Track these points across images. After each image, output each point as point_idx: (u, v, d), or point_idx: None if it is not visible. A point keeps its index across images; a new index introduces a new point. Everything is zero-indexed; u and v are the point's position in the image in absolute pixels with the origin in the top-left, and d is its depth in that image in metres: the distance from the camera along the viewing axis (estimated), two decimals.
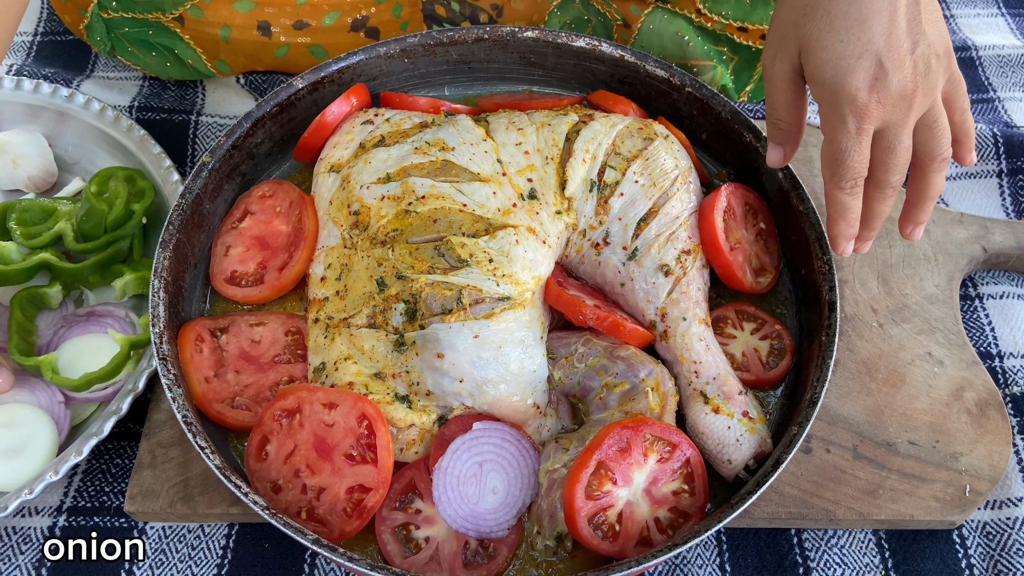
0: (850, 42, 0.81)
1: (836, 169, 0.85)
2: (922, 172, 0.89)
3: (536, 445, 0.92)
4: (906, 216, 0.94)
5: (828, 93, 0.83)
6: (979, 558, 0.97)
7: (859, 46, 0.81)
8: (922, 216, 0.93)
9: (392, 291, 0.92)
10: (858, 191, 0.87)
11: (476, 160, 1.00)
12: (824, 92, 0.84)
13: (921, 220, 0.93)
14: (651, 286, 0.98)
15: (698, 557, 0.97)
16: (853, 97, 0.81)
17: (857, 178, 0.86)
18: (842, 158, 0.84)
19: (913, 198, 0.92)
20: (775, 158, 0.95)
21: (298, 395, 0.90)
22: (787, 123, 0.92)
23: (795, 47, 0.86)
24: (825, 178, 0.88)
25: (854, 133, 0.83)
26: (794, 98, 0.90)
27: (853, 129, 0.83)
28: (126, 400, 0.97)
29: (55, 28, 1.46)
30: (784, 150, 0.94)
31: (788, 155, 0.95)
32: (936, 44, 0.83)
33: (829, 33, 0.82)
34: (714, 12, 1.20)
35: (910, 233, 0.94)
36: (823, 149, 0.87)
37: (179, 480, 0.95)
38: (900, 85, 0.81)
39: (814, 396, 0.89)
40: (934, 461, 0.98)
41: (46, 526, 0.98)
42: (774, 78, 0.89)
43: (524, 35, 1.14)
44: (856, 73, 0.81)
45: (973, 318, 1.15)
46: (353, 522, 0.86)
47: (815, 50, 0.83)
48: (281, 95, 1.08)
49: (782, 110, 0.91)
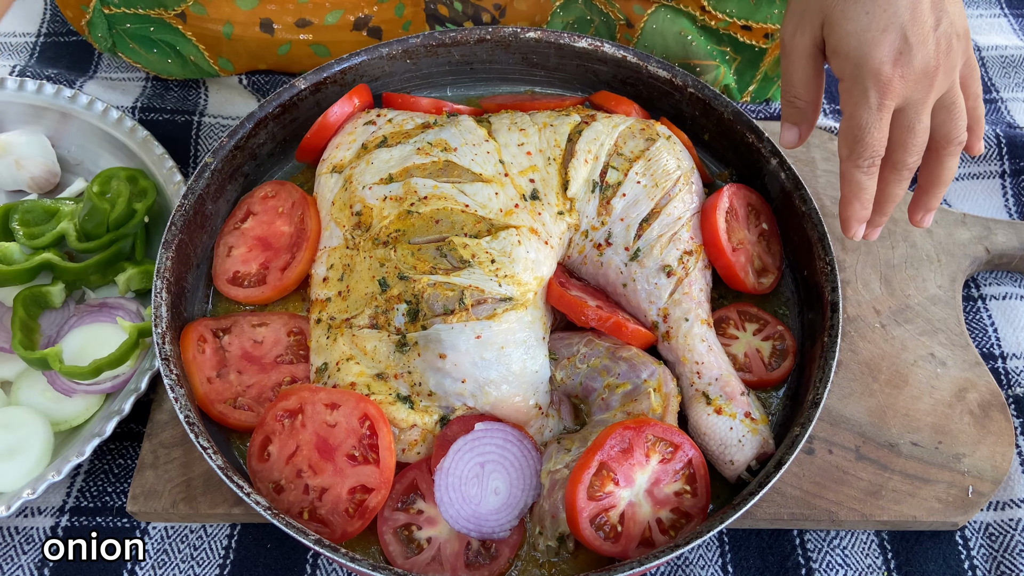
0: (876, 14, 0.80)
1: (855, 146, 0.84)
2: (937, 156, 0.88)
3: (538, 446, 0.92)
4: (917, 203, 0.92)
5: (851, 66, 0.82)
6: (982, 559, 0.97)
7: (884, 18, 0.80)
8: (934, 203, 0.91)
9: (394, 291, 0.92)
10: (875, 171, 0.85)
11: (478, 161, 1.00)
12: (847, 65, 0.83)
13: (932, 207, 0.92)
14: (653, 287, 0.98)
15: (700, 558, 0.97)
16: (877, 71, 0.80)
17: (875, 156, 0.84)
18: (861, 134, 0.83)
19: (926, 183, 0.91)
20: (790, 138, 0.93)
21: (300, 395, 0.90)
22: (804, 101, 0.90)
23: (818, 19, 0.84)
24: (842, 156, 0.86)
25: (875, 109, 0.82)
26: (812, 74, 0.88)
27: (875, 104, 0.81)
28: (128, 400, 0.97)
29: (58, 29, 1.47)
30: (800, 130, 0.93)
31: (803, 135, 0.93)
32: (957, 24, 0.83)
33: (854, 4, 0.81)
34: (718, 10, 1.20)
35: (920, 220, 0.93)
36: (841, 126, 0.85)
37: (181, 480, 0.95)
38: (924, 61, 0.80)
39: (816, 397, 0.89)
40: (937, 462, 0.98)
41: (48, 526, 0.98)
42: (794, 52, 0.88)
43: (526, 36, 1.14)
44: (881, 46, 0.80)
45: (976, 319, 1.15)
46: (355, 522, 0.86)
47: (839, 21, 0.82)
48: (283, 96, 1.08)
49: (800, 86, 0.89)
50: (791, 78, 0.89)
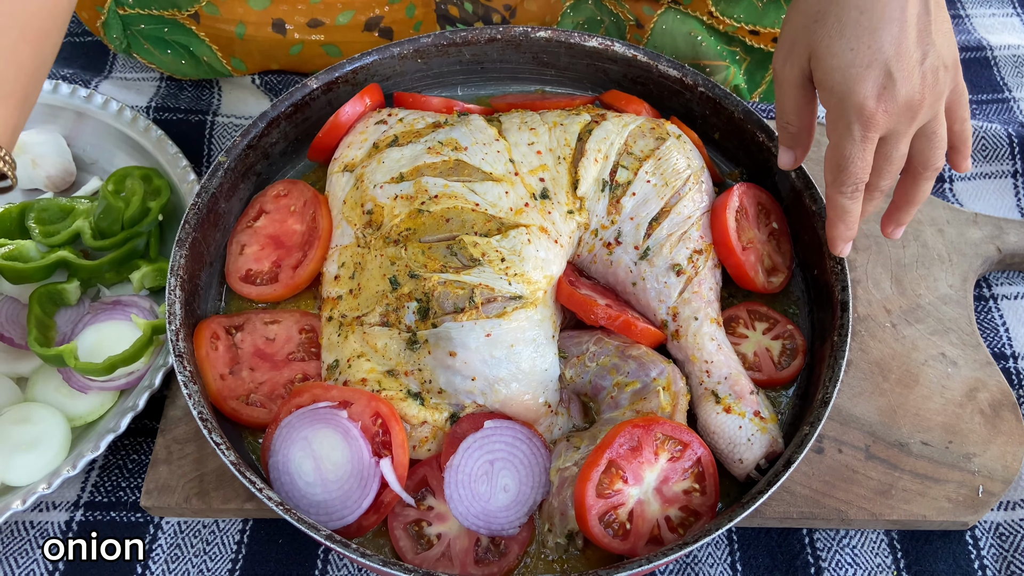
0: (860, 50, 0.81)
1: (839, 175, 0.86)
2: (914, 179, 0.91)
3: (547, 443, 0.93)
4: (890, 217, 0.95)
5: (836, 100, 0.83)
6: (992, 559, 0.97)
7: (869, 55, 0.81)
8: (906, 219, 0.95)
9: (405, 290, 0.93)
10: (859, 195, 0.88)
11: (488, 160, 1.00)
12: (832, 99, 0.84)
13: (904, 222, 0.95)
14: (663, 285, 0.98)
15: (709, 556, 0.97)
16: (860, 106, 0.81)
17: (859, 183, 0.87)
18: (845, 164, 0.85)
19: (900, 202, 0.94)
20: (786, 160, 0.96)
21: (313, 392, 0.91)
22: (797, 127, 0.93)
23: (805, 52, 0.86)
24: (827, 182, 0.89)
25: (859, 141, 0.83)
26: (803, 102, 0.90)
27: (858, 137, 0.83)
28: (142, 396, 0.98)
29: (73, 29, 1.48)
30: (795, 153, 0.96)
31: (799, 158, 0.96)
32: (945, 55, 0.83)
33: (839, 40, 0.82)
34: (726, 15, 1.20)
35: (891, 233, 0.96)
36: (827, 154, 0.87)
37: (194, 476, 0.96)
38: (908, 95, 0.81)
39: (826, 396, 0.89)
40: (947, 462, 0.97)
41: (63, 520, 1.00)
42: (784, 82, 0.90)
43: (537, 35, 1.14)
44: (865, 82, 0.81)
45: (987, 319, 1.14)
46: (370, 517, 0.87)
47: (824, 57, 0.83)
48: (296, 95, 1.09)
49: (791, 114, 0.91)
50: (783, 106, 0.92)
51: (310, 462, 0.87)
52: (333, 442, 0.87)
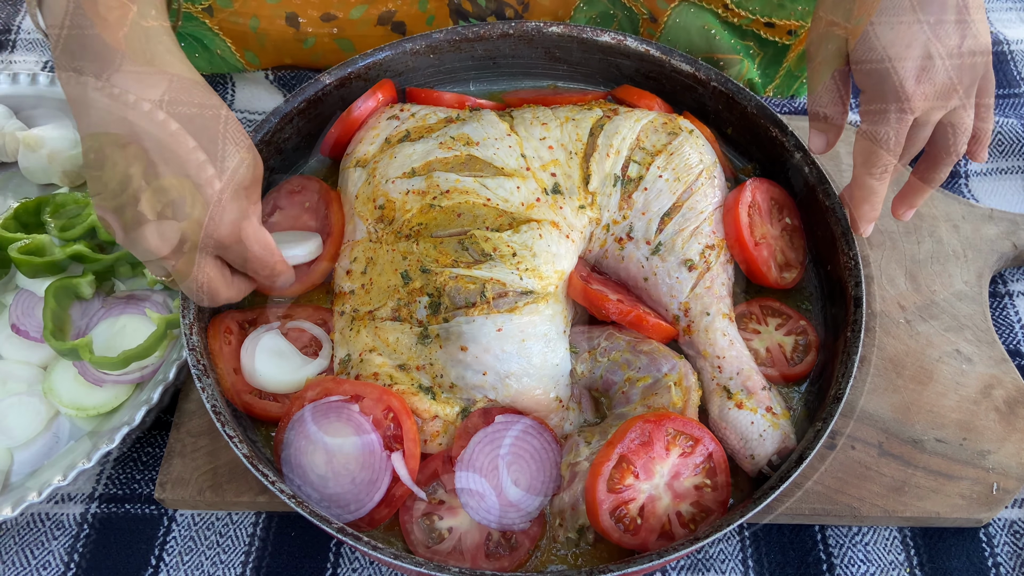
0: (901, 29, 0.80)
1: (870, 156, 0.86)
2: (934, 163, 0.90)
3: (558, 438, 0.93)
4: (903, 198, 0.95)
5: (874, 80, 0.82)
6: (1006, 556, 0.96)
7: (910, 34, 0.80)
8: (919, 201, 0.94)
9: (416, 284, 0.93)
10: (887, 177, 0.87)
11: (500, 155, 1.00)
12: (870, 79, 0.83)
13: (917, 204, 0.95)
14: (675, 281, 0.98)
15: (721, 552, 0.97)
16: (900, 86, 0.81)
17: (888, 165, 0.86)
18: (878, 145, 0.84)
19: (917, 184, 0.93)
20: (819, 144, 0.95)
21: (325, 386, 0.91)
22: (830, 109, 0.91)
23: (843, 32, 0.85)
24: (856, 163, 0.88)
25: (894, 123, 0.82)
26: (838, 84, 0.89)
27: (894, 119, 0.82)
28: (157, 390, 0.99)
29: None
30: (827, 137, 0.94)
31: (831, 142, 0.94)
32: (981, 39, 0.83)
33: (881, 18, 0.81)
34: (741, 7, 1.20)
35: (903, 215, 0.96)
36: (859, 133, 0.86)
37: (208, 469, 0.97)
38: (945, 79, 0.80)
39: (839, 392, 0.89)
40: (961, 459, 0.97)
41: (79, 512, 1.00)
42: (819, 63, 0.88)
43: (549, 30, 1.14)
44: (905, 62, 0.80)
45: (1003, 315, 1.13)
46: (382, 510, 0.88)
47: (865, 35, 0.82)
48: (309, 91, 1.10)
49: (825, 96, 0.90)
50: (817, 88, 0.90)
51: (322, 455, 0.88)
52: (345, 436, 0.88)
